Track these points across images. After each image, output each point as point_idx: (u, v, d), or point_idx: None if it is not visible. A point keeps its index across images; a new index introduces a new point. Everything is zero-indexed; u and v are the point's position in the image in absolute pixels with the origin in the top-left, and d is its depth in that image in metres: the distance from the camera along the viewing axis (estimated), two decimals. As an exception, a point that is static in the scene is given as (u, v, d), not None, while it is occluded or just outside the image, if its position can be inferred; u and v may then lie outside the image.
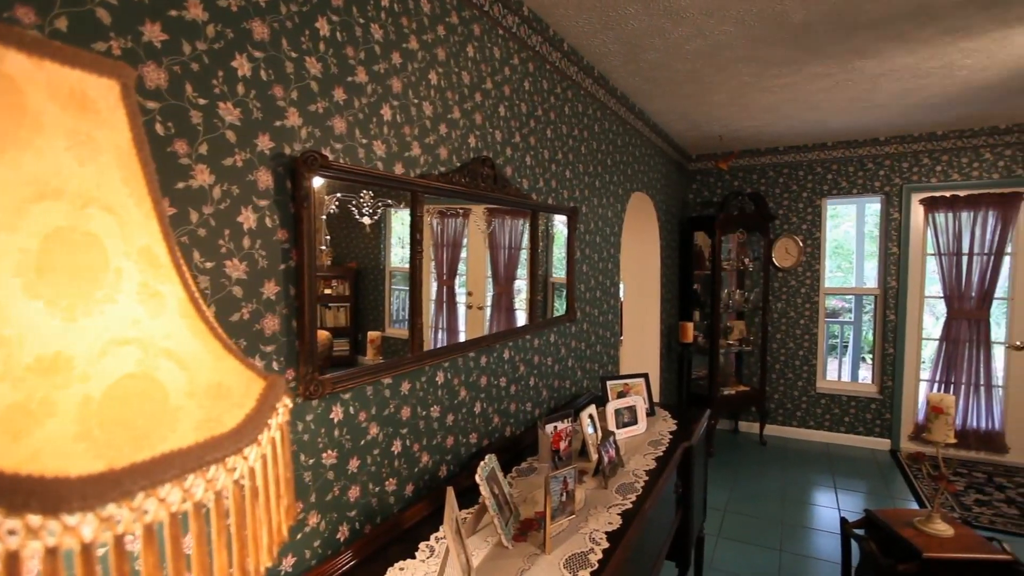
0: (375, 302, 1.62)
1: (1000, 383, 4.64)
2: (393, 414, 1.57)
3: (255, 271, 1.15)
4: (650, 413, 2.49)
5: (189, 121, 1.02)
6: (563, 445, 1.81)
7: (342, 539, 1.39)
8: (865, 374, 6.23)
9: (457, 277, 2.00)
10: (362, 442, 1.45)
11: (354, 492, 1.42)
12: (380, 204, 1.49)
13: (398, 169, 1.56)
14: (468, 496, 1.63)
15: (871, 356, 5.28)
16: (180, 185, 1.01)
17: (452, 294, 1.98)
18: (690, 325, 4.71)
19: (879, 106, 3.78)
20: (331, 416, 1.35)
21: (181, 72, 1.00)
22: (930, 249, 4.77)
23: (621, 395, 2.39)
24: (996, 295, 4.57)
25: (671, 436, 2.27)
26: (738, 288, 5.28)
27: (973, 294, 4.59)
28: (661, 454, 2.08)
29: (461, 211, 1.95)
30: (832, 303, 6.91)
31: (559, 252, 2.69)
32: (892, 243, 4.88)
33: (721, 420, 5.40)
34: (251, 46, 1.13)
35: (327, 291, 1.46)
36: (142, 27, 0.94)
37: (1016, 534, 3.46)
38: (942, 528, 2.14)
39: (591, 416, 2.01)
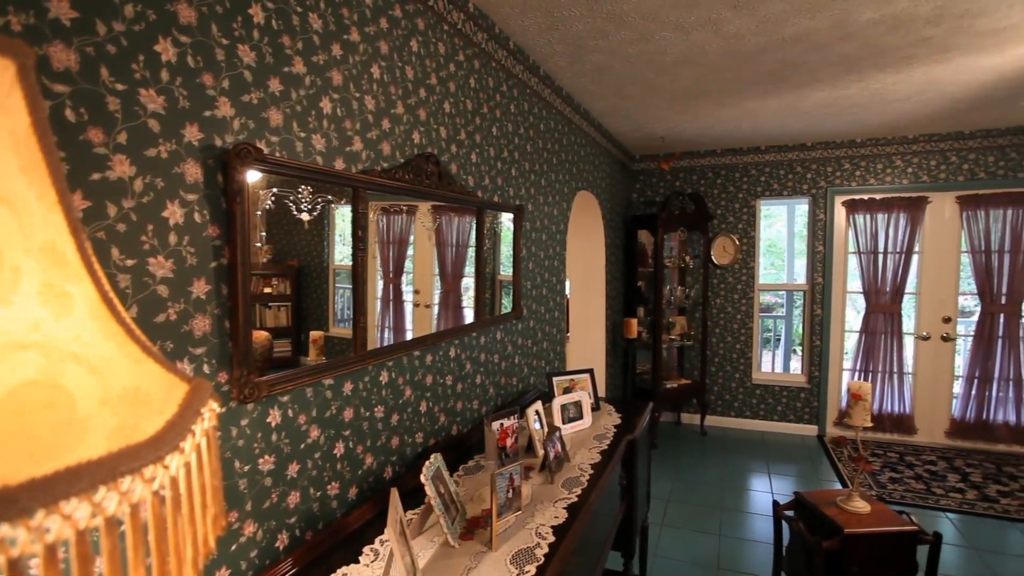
0: (318, 301, 1.57)
1: (910, 370, 5.03)
2: (335, 416, 1.53)
3: (183, 269, 1.09)
4: (595, 408, 2.54)
5: (105, 108, 0.95)
6: (510, 442, 1.82)
7: (281, 547, 1.34)
8: (796, 365, 6.59)
9: (404, 275, 1.97)
10: (302, 446, 1.40)
11: (294, 498, 1.37)
12: (320, 200, 1.44)
13: (339, 164, 1.51)
14: (415, 496, 1.61)
15: (801, 348, 5.59)
16: (96, 176, 0.94)
17: (399, 292, 1.95)
18: (634, 321, 4.84)
19: (805, 113, 4.00)
20: (268, 420, 1.30)
21: (95, 54, 0.93)
22: (851, 248, 5.11)
23: (567, 391, 2.43)
24: (907, 290, 4.94)
25: (615, 430, 2.32)
26: (680, 285, 5.47)
27: (888, 289, 4.95)
28: (606, 447, 2.12)
29: (407, 208, 1.92)
30: (766, 299, 7.27)
31: (507, 250, 2.69)
32: (818, 242, 5.19)
33: (664, 412, 5.58)
34: (177, 30, 1.06)
35: (267, 290, 1.40)
36: (47, 2, 0.87)
37: (922, 506, 3.77)
38: (860, 505, 2.29)
39: (537, 412, 2.03)
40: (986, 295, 4.72)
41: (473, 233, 2.32)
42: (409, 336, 1.95)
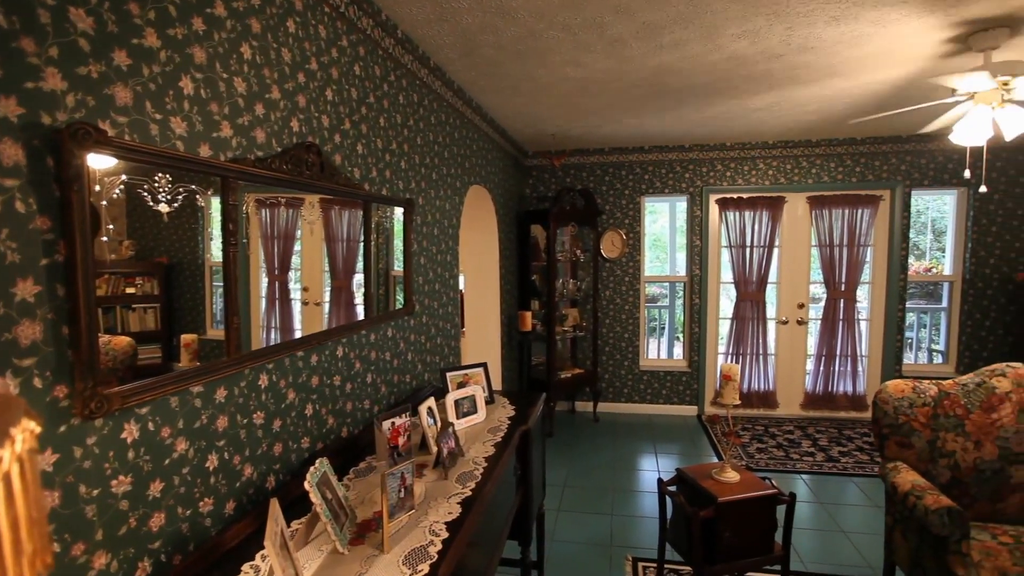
0: (193, 301, 1.43)
1: (773, 352, 5.64)
2: (207, 426, 1.40)
3: (2, 267, 0.93)
4: (489, 401, 2.56)
5: None
6: (402, 440, 1.78)
7: (142, 576, 1.20)
8: (678, 351, 7.10)
9: (291, 272, 1.86)
10: (167, 462, 1.27)
11: (157, 520, 1.24)
12: (182, 190, 1.31)
13: (204, 151, 1.38)
14: (303, 504, 1.52)
15: (682, 335, 6.04)
16: None
17: (285, 290, 1.84)
18: (529, 314, 4.96)
19: (683, 117, 4.31)
20: (123, 436, 1.16)
21: None
22: (724, 242, 5.60)
23: (461, 385, 2.42)
24: (770, 280, 5.53)
25: (509, 422, 2.36)
26: (572, 278, 5.68)
27: (754, 279, 5.49)
28: (500, 440, 2.15)
29: (291, 201, 1.80)
30: (651, 290, 7.76)
31: (399, 244, 2.63)
32: (696, 237, 5.63)
33: (559, 402, 5.78)
34: (-14, -13, 0.90)
35: (129, 290, 1.25)
36: None
37: (782, 471, 4.26)
38: (732, 476, 2.53)
39: (430, 409, 2.01)
40: (830, 283, 5.40)
41: (362, 227, 2.24)
42: (299, 336, 1.84)
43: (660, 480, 2.69)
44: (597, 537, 3.32)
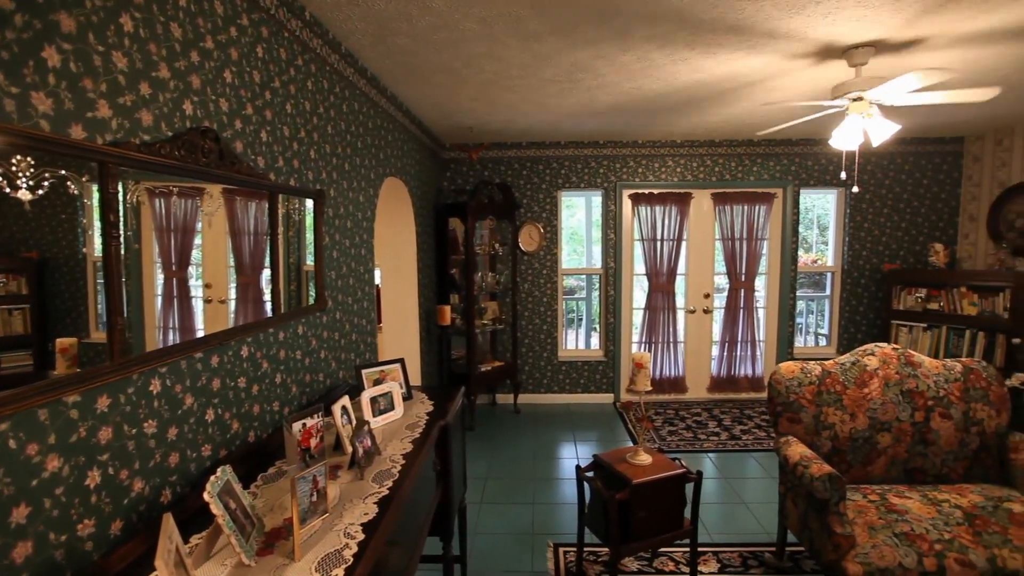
0: (73, 301, 1.27)
1: (682, 339, 5.97)
2: (85, 439, 1.26)
3: None
4: (407, 397, 2.51)
5: None
6: (314, 442, 1.70)
7: (6, 612, 1.06)
8: (595, 341, 7.35)
9: (192, 267, 1.71)
10: (34, 483, 1.13)
11: (21, 551, 1.10)
12: (48, 175, 1.16)
13: (76, 133, 1.23)
14: (205, 518, 1.41)
15: (598, 326, 6.25)
16: None
17: (185, 287, 1.69)
18: (447, 308, 4.92)
19: (598, 114, 4.43)
20: (-22, 455, 1.02)
21: None
22: (636, 235, 5.85)
23: (378, 382, 2.36)
24: (679, 272, 5.84)
25: (428, 417, 2.33)
26: (491, 271, 5.70)
27: (664, 271, 5.78)
28: (418, 436, 2.11)
29: (186, 190, 1.66)
30: (569, 282, 7.97)
31: (312, 238, 2.50)
32: (611, 230, 5.83)
33: (481, 395, 5.80)
34: None
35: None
36: None
37: (691, 451, 4.54)
38: (645, 459, 2.65)
39: (344, 408, 1.94)
40: (732, 274, 5.80)
41: (269, 220, 2.11)
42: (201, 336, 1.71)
43: (578, 467, 2.77)
44: (519, 527, 3.37)
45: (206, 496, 1.24)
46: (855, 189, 4.21)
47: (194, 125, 1.66)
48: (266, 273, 2.12)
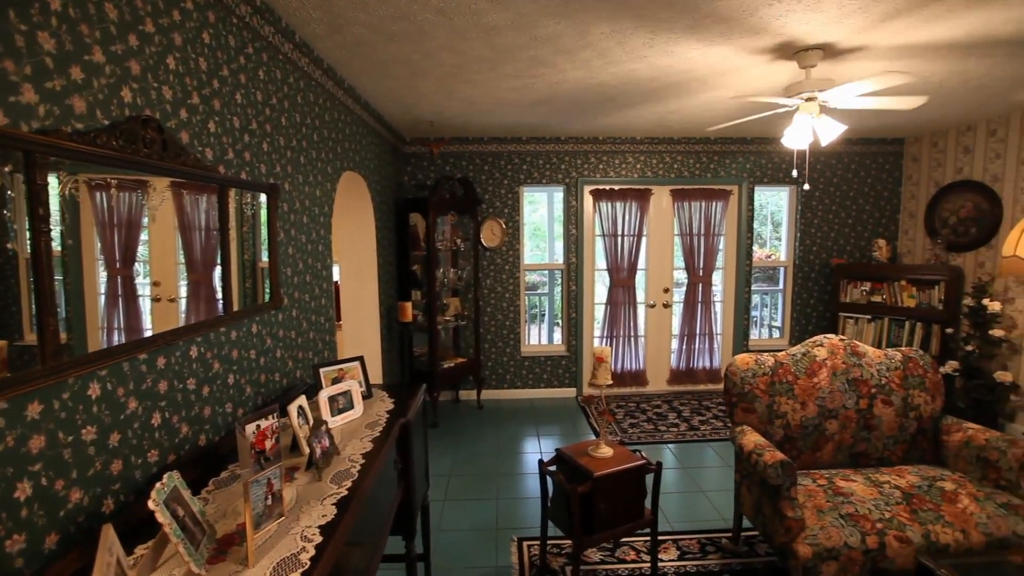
0: (3, 301, 1.18)
1: (643, 333, 6.08)
2: (14, 448, 1.18)
3: None
4: (367, 396, 2.46)
5: None
6: (269, 444, 1.64)
7: (-74, 636, 0.99)
8: (557, 337, 7.39)
9: (137, 264, 1.62)
10: (-43, 495, 1.05)
11: (-55, 566, 1.02)
12: (-31, 165, 1.07)
13: (-1, 119, 1.15)
14: (151, 527, 1.35)
15: (561, 321, 6.29)
16: None
17: (130, 285, 1.60)
18: (408, 305, 4.85)
19: (559, 110, 4.44)
20: None
21: None
22: (598, 231, 5.90)
23: (336, 381, 2.30)
24: (639, 267, 5.93)
25: (388, 415, 2.29)
26: (453, 267, 5.66)
27: (625, 266, 5.87)
28: (378, 435, 2.07)
29: (128, 183, 1.57)
30: (531, 278, 7.99)
31: (267, 234, 2.42)
32: (572, 226, 5.87)
33: (444, 392, 5.76)
34: None
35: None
36: None
37: (651, 442, 4.63)
38: (606, 451, 2.68)
39: (301, 408, 1.88)
40: (691, 269, 5.94)
41: (229, 215, 2.02)
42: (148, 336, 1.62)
43: (540, 461, 2.77)
44: (483, 522, 3.36)
45: (151, 504, 1.18)
46: (806, 187, 4.38)
47: (134, 114, 1.57)
48: (219, 270, 2.04)
